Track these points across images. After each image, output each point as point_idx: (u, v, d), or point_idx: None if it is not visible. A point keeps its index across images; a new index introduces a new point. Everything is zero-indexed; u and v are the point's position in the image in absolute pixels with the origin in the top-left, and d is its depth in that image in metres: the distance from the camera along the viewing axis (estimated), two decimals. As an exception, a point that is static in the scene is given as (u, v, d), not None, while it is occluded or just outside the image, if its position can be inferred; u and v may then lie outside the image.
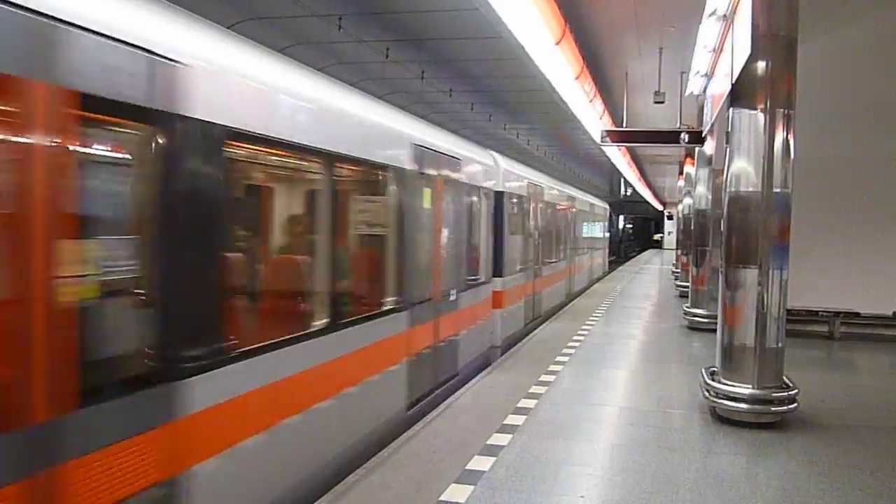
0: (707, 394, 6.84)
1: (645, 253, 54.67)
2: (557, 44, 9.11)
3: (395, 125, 6.86)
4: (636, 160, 29.48)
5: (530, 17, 7.99)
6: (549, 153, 28.91)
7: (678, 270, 22.42)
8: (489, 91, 16.47)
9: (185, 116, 3.47)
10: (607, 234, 30.37)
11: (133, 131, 3.37)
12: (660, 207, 58.39)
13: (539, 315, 13.43)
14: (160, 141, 3.37)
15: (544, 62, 10.08)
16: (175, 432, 3.42)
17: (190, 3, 4.08)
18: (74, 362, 2.85)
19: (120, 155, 3.58)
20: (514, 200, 11.34)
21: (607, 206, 29.90)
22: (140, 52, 3.20)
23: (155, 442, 3.29)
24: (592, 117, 15.07)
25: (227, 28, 4.65)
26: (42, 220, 2.73)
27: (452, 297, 8.09)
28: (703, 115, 12.22)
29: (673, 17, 10.00)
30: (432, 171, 7.36)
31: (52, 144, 2.78)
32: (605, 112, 15.85)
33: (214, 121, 3.71)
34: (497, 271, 10.16)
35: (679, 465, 5.57)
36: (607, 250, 31.22)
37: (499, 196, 10.30)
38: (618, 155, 23.81)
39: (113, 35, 3.04)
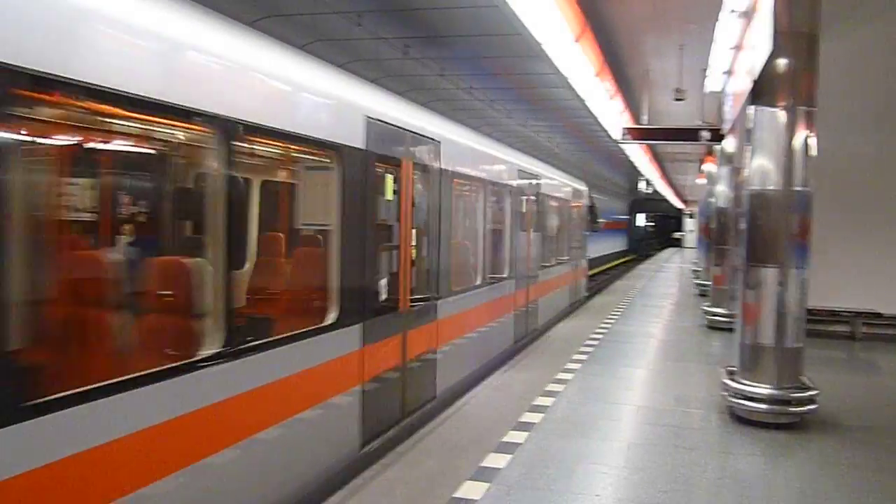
0: (725, 393, 6.80)
1: (665, 251, 54.31)
2: (577, 41, 9.10)
3: None
4: (657, 158, 29.30)
5: (550, 14, 7.99)
6: (570, 151, 28.82)
7: (699, 269, 22.26)
8: (509, 88, 16.44)
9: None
10: (586, 234, 17.85)
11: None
12: (681, 206, 58.00)
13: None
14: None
15: (564, 59, 10.07)
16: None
17: (213, 0, 4.13)
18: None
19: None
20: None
21: (585, 188, 17.78)
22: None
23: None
24: (612, 114, 15.01)
25: (248, 25, 4.71)
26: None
27: None
28: (723, 112, 12.14)
29: (693, 14, 9.93)
30: None
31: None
32: (626, 109, 15.78)
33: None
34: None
35: (696, 465, 5.55)
36: (584, 261, 18.24)
37: None
38: (638, 152, 23.69)
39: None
